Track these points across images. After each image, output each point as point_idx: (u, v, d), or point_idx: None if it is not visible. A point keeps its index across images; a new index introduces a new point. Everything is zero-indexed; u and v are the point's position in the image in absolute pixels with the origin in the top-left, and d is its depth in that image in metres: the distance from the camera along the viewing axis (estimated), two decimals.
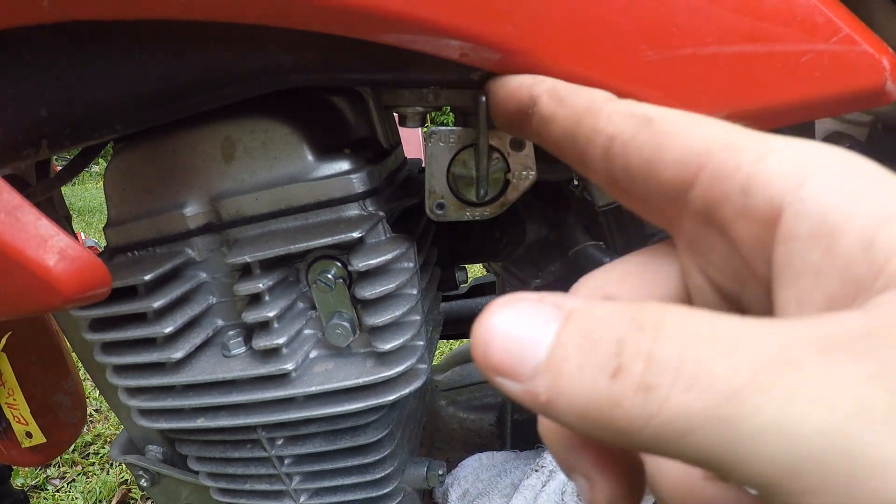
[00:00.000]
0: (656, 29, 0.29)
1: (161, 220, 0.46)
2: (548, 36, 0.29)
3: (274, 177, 0.44)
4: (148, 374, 0.48)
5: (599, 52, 0.29)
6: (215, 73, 0.38)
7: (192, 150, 0.45)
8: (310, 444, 0.51)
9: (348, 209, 0.44)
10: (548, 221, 0.63)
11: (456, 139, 0.36)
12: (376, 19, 0.30)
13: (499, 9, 0.29)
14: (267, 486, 0.54)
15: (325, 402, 0.47)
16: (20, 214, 0.29)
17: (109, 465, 1.75)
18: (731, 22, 0.28)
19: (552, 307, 0.15)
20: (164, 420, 0.51)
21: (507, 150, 0.36)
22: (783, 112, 0.30)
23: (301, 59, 0.38)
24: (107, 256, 0.49)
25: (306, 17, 0.31)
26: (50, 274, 0.29)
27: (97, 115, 0.38)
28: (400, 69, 0.37)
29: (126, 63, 0.37)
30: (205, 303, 0.48)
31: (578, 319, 0.14)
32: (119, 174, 0.47)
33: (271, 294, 0.45)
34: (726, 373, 0.13)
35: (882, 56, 0.28)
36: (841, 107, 0.30)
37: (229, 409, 0.49)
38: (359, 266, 0.42)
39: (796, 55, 0.28)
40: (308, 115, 0.46)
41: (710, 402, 0.12)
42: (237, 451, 0.53)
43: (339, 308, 0.45)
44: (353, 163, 0.44)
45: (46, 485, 1.70)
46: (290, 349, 0.46)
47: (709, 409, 0.12)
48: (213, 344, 0.49)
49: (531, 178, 0.37)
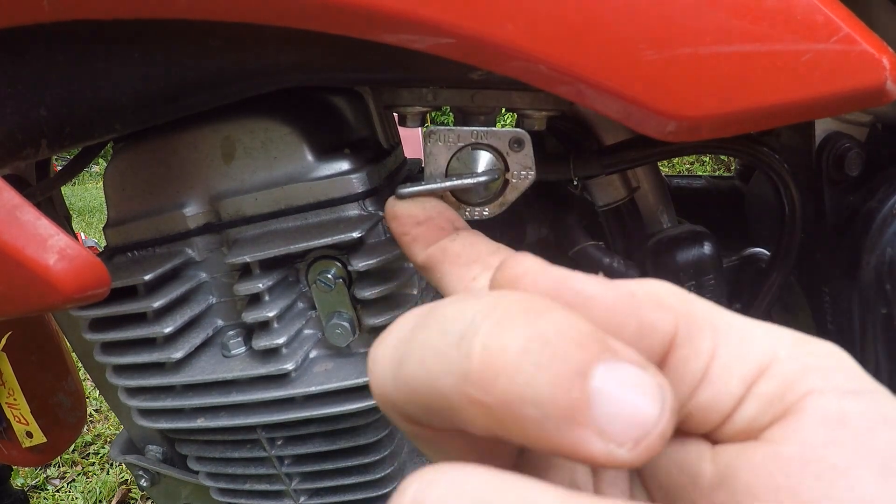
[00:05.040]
0: (656, 29, 0.29)
1: (161, 220, 0.46)
2: (547, 36, 0.29)
3: (274, 177, 0.44)
4: (148, 374, 0.48)
5: (599, 52, 0.29)
6: (215, 73, 0.38)
7: (192, 150, 0.45)
8: (310, 444, 0.51)
9: (348, 209, 0.44)
10: (548, 221, 0.63)
11: (455, 139, 0.36)
12: (376, 19, 0.30)
13: (499, 8, 0.29)
14: (267, 486, 0.54)
15: (325, 402, 0.47)
16: (20, 214, 0.29)
17: (109, 465, 1.75)
18: (731, 22, 0.28)
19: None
20: (164, 420, 0.51)
21: (506, 150, 0.36)
22: (783, 112, 0.30)
23: (301, 59, 0.38)
24: (107, 256, 0.49)
25: (306, 17, 0.31)
26: (49, 273, 0.29)
27: (97, 115, 0.38)
28: (400, 69, 0.37)
29: (126, 63, 0.37)
30: (205, 303, 0.48)
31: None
32: (119, 174, 0.47)
33: (271, 294, 0.45)
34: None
35: (882, 56, 0.28)
36: (841, 107, 0.30)
37: (229, 409, 0.49)
38: (358, 266, 0.42)
39: (796, 55, 0.28)
40: (308, 115, 0.46)
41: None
42: (237, 451, 0.53)
43: (339, 308, 0.45)
44: (352, 163, 0.44)
45: (46, 485, 1.70)
46: (289, 349, 0.46)
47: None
48: (212, 344, 0.49)
49: (531, 178, 0.37)
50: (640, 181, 0.57)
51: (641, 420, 0.14)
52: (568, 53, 0.29)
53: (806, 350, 0.18)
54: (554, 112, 0.40)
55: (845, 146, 0.52)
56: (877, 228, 0.50)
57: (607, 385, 0.14)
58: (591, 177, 0.54)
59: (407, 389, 0.17)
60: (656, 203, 0.57)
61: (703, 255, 0.52)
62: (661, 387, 0.15)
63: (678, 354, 0.18)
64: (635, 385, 0.14)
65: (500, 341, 0.15)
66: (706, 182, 0.74)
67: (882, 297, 0.50)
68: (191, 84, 0.38)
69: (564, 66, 0.29)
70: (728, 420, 0.18)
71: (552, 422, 0.14)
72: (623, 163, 0.51)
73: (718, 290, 0.53)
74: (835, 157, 0.53)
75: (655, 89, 0.30)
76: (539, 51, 0.29)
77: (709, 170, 3.80)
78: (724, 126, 0.31)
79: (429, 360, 0.16)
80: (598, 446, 0.14)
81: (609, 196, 0.57)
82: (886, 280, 0.50)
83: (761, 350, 0.18)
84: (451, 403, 0.15)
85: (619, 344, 0.15)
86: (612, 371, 0.14)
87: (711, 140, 0.43)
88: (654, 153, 0.50)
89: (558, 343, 0.14)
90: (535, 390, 0.14)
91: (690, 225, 0.55)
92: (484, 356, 0.15)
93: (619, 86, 0.30)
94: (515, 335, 0.15)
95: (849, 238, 0.52)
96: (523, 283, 0.18)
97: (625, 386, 0.14)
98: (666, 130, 0.31)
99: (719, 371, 0.18)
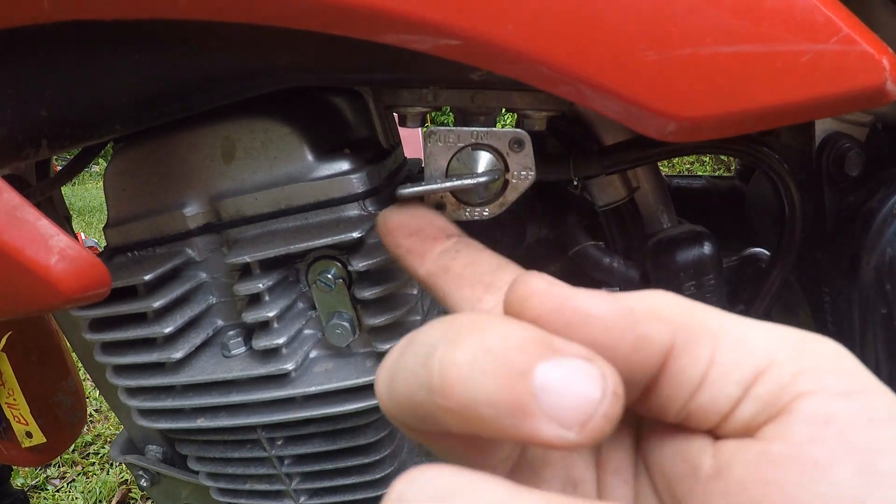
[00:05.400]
0: (656, 29, 0.29)
1: (161, 220, 0.46)
2: (548, 36, 0.29)
3: (274, 177, 0.44)
4: (148, 374, 0.48)
5: (599, 52, 0.29)
6: (215, 73, 0.38)
7: (192, 150, 0.45)
8: (310, 444, 0.51)
9: (348, 209, 0.44)
10: (548, 221, 0.63)
11: (455, 139, 0.36)
12: (377, 20, 0.30)
13: (499, 9, 0.29)
14: (267, 486, 0.54)
15: (325, 402, 0.47)
16: (20, 214, 0.29)
17: (109, 465, 1.75)
18: (731, 22, 0.28)
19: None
20: (164, 420, 0.51)
21: (506, 151, 0.36)
22: (783, 112, 0.30)
23: (301, 59, 0.38)
24: (107, 256, 0.49)
25: (306, 17, 0.31)
26: (50, 273, 0.29)
27: (97, 115, 0.38)
28: (400, 69, 0.37)
29: (126, 63, 0.37)
30: (205, 303, 0.48)
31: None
32: (119, 174, 0.47)
33: (271, 294, 0.45)
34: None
35: (882, 56, 0.28)
36: (841, 107, 0.30)
37: (229, 409, 0.49)
38: (359, 266, 0.42)
39: (796, 55, 0.28)
40: (308, 115, 0.46)
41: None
42: (237, 451, 0.53)
43: (339, 308, 0.45)
44: (353, 163, 0.44)
45: (46, 485, 1.70)
46: (289, 349, 0.46)
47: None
48: (212, 344, 0.49)
49: (530, 178, 0.37)
50: (640, 181, 0.57)
51: (584, 404, 0.16)
52: (568, 54, 0.29)
53: (804, 351, 0.19)
54: (554, 112, 0.40)
55: (845, 146, 0.52)
56: (877, 228, 0.50)
57: (549, 379, 0.16)
58: (591, 177, 0.54)
59: (397, 403, 0.20)
60: (656, 203, 0.57)
61: (703, 255, 0.52)
62: (602, 374, 0.17)
63: (677, 363, 0.20)
64: (577, 375, 0.17)
65: (452, 357, 0.17)
66: (706, 182, 0.74)
67: (882, 297, 0.50)
68: (191, 84, 0.38)
69: (565, 67, 0.29)
70: (727, 419, 0.19)
71: (506, 417, 0.16)
72: (623, 163, 0.51)
73: (718, 290, 0.53)
74: (835, 157, 0.53)
75: (655, 90, 0.30)
76: (539, 51, 0.29)
77: (709, 170, 3.80)
78: (725, 126, 0.31)
79: (408, 379, 0.19)
80: (550, 432, 0.16)
81: (609, 196, 0.57)
82: (886, 280, 0.50)
83: (759, 354, 0.19)
84: (428, 412, 0.18)
85: (564, 342, 0.18)
86: (553, 366, 0.17)
87: (711, 140, 0.43)
88: (654, 153, 0.50)
89: (500, 351, 0.17)
90: (486, 393, 0.16)
91: (690, 225, 0.55)
92: (441, 371, 0.17)
93: (619, 86, 0.30)
94: (465, 350, 0.17)
95: (849, 238, 0.52)
96: (530, 303, 0.20)
97: (567, 377, 0.17)
98: (666, 131, 0.31)
99: (718, 375, 0.19)
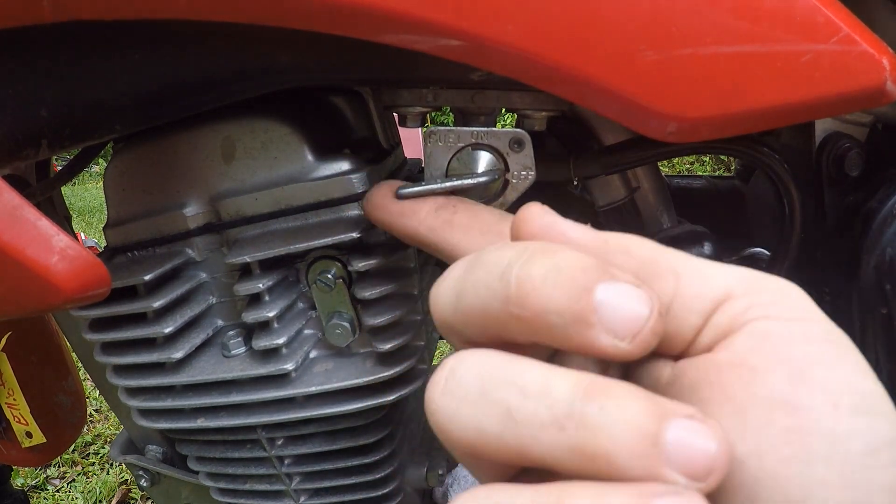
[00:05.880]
0: (656, 29, 0.29)
1: (161, 220, 0.46)
2: (548, 36, 0.29)
3: (274, 177, 0.44)
4: (148, 374, 0.48)
5: (599, 53, 0.29)
6: (215, 73, 0.38)
7: (192, 150, 0.45)
8: (310, 444, 0.51)
9: (348, 209, 0.44)
10: None
11: (455, 139, 0.36)
12: (377, 20, 0.30)
13: (499, 9, 0.29)
14: (267, 486, 0.54)
15: (325, 402, 0.47)
16: (20, 214, 0.29)
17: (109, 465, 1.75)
18: (731, 22, 0.28)
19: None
20: (164, 420, 0.51)
21: (506, 151, 0.36)
22: (783, 112, 0.30)
23: (301, 59, 0.38)
24: (107, 256, 0.49)
25: (306, 17, 0.31)
26: (50, 273, 0.29)
27: (97, 115, 0.38)
28: (400, 69, 0.37)
29: (126, 63, 0.37)
30: (205, 303, 0.48)
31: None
32: (119, 174, 0.47)
33: (271, 294, 0.45)
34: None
35: (882, 56, 0.28)
36: (841, 107, 0.30)
37: (229, 409, 0.49)
38: (359, 266, 0.42)
39: (796, 55, 0.28)
40: (308, 115, 0.46)
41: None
42: (237, 451, 0.53)
43: (339, 308, 0.45)
44: (353, 163, 0.44)
45: (46, 485, 1.70)
46: (290, 349, 0.46)
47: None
48: (213, 344, 0.49)
49: (530, 178, 0.37)
50: (640, 181, 0.57)
51: (636, 319, 0.19)
52: (568, 54, 0.29)
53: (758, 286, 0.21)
54: (554, 112, 0.40)
55: (845, 146, 0.52)
56: (877, 228, 0.50)
57: (608, 296, 0.19)
58: (591, 177, 0.54)
59: (465, 315, 0.22)
60: (656, 203, 0.57)
61: (702, 255, 0.52)
62: (650, 297, 0.19)
63: None
64: (630, 296, 0.19)
65: (528, 272, 0.20)
66: (706, 182, 0.74)
67: (882, 297, 0.50)
68: (191, 84, 0.38)
69: (565, 67, 0.29)
70: (690, 346, 0.22)
71: (570, 325, 0.19)
72: (623, 163, 0.51)
73: None
74: (835, 157, 0.53)
75: (656, 90, 0.30)
76: (539, 51, 0.29)
77: (709, 170, 3.80)
78: (725, 127, 0.31)
79: (481, 291, 0.21)
80: (607, 341, 0.19)
81: (609, 196, 0.57)
82: (886, 280, 0.50)
83: (718, 287, 0.22)
84: (500, 321, 0.21)
85: (619, 271, 0.21)
86: (611, 286, 0.19)
87: (711, 140, 0.43)
88: (654, 153, 0.50)
89: (568, 270, 0.20)
90: (555, 303, 0.19)
91: (690, 225, 0.55)
92: (519, 283, 0.20)
93: (619, 86, 0.30)
94: (539, 267, 0.20)
95: (849, 238, 0.52)
96: (526, 224, 0.24)
97: (621, 296, 0.19)
98: (666, 131, 0.31)
99: (681, 306, 0.22)
